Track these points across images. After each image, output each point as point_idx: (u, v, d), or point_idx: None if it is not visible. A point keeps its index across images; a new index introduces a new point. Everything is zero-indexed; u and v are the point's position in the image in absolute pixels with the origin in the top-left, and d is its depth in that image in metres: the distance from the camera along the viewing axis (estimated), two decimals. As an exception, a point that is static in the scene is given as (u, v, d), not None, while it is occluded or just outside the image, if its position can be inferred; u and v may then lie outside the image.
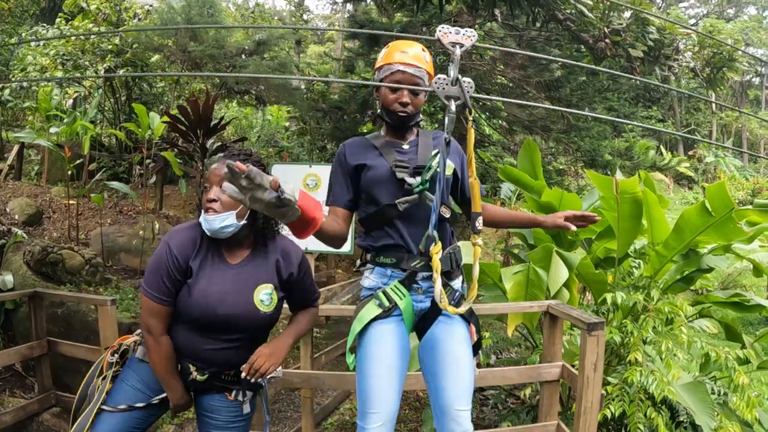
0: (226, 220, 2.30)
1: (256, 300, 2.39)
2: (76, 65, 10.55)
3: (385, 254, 2.42)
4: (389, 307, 2.36)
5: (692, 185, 32.40)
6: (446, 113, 2.15)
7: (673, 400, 4.04)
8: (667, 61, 8.18)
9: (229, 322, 2.36)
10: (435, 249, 2.28)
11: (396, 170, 2.39)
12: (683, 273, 5.06)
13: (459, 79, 2.08)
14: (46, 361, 4.78)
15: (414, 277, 2.40)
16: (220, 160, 2.40)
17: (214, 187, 2.34)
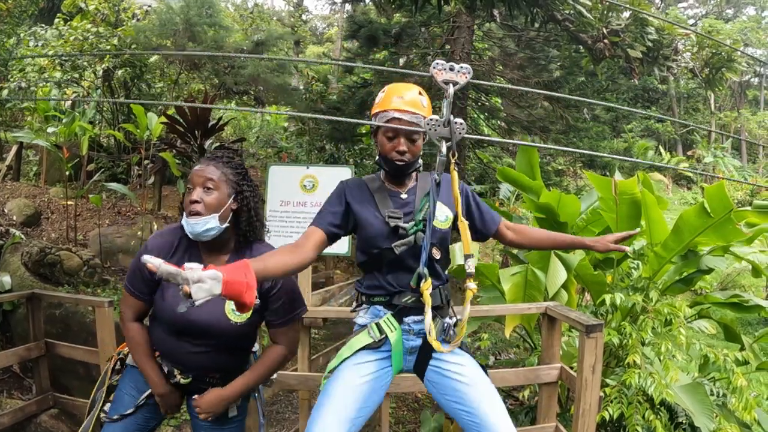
0: (208, 222, 2.27)
1: (227, 309, 2.33)
2: (75, 66, 10.53)
3: (378, 294, 2.43)
4: (380, 339, 2.35)
5: (691, 185, 32.41)
6: (438, 154, 2.15)
7: (672, 402, 4.03)
8: (666, 62, 8.18)
9: (199, 328, 2.32)
10: (425, 285, 2.29)
11: (389, 221, 2.37)
12: (682, 274, 5.05)
13: (450, 121, 2.06)
14: (44, 362, 4.75)
15: (404, 315, 2.39)
16: (203, 160, 2.38)
17: (197, 188, 2.30)
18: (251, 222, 2.41)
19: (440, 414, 5.19)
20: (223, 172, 2.34)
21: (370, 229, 2.40)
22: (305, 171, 4.60)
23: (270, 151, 17.10)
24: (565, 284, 4.43)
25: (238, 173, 2.40)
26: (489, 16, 9.14)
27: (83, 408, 4.53)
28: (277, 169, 4.74)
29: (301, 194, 4.59)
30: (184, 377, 2.41)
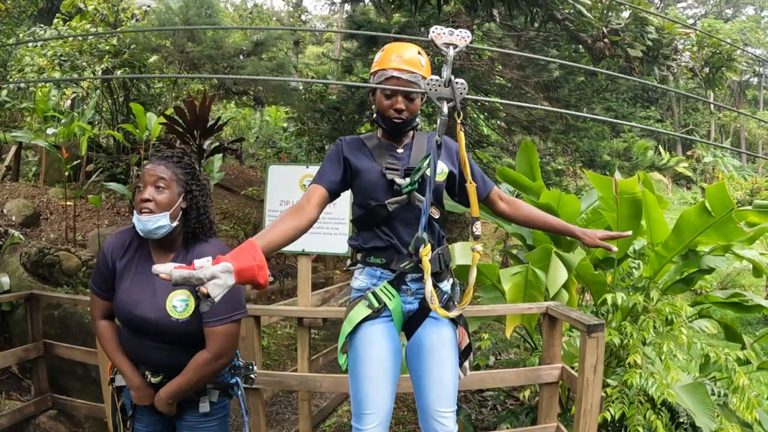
0: (159, 220, 2.32)
1: (168, 305, 2.36)
2: (74, 66, 10.50)
3: (375, 255, 2.42)
4: (379, 308, 2.37)
5: (691, 185, 32.45)
6: (438, 115, 2.11)
7: (673, 402, 4.02)
8: (666, 61, 8.16)
9: (145, 325, 2.38)
10: (425, 251, 2.27)
11: (386, 172, 2.38)
12: (683, 274, 5.04)
13: (451, 81, 2.04)
14: (43, 363, 4.75)
15: (403, 278, 2.41)
16: (154, 160, 2.44)
17: (149, 187, 2.35)
18: (200, 220, 2.46)
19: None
20: (173, 172, 2.40)
21: (366, 179, 2.41)
22: (305, 170, 4.59)
23: (269, 151, 17.10)
24: (566, 284, 4.42)
25: (188, 173, 2.47)
26: (488, 16, 9.12)
27: (82, 409, 4.53)
28: (277, 168, 4.73)
29: (300, 194, 4.56)
30: (154, 376, 2.46)
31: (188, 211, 2.43)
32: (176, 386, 2.42)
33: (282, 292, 9.50)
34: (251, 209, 11.96)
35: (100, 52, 10.50)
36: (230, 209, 11.86)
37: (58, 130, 8.12)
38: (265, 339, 7.57)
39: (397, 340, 2.41)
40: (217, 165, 9.50)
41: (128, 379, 2.49)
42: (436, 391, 2.32)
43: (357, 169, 2.43)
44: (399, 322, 2.43)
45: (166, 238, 2.40)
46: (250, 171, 15.82)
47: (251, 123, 19.03)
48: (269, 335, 7.89)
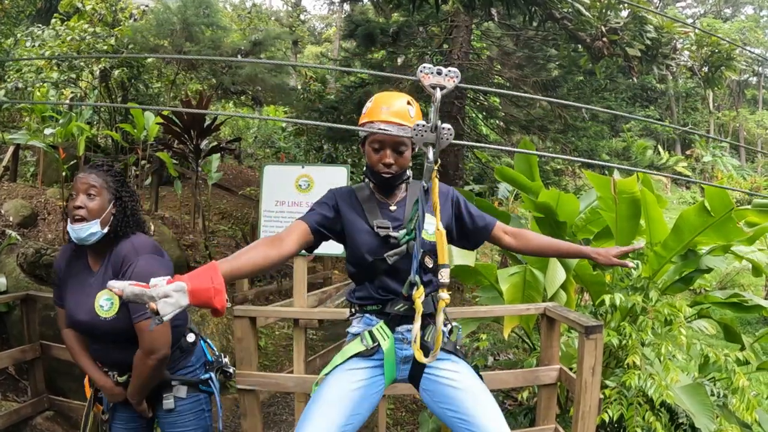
0: (91, 228, 2.44)
1: (96, 305, 2.47)
2: (72, 66, 10.49)
3: (369, 303, 2.41)
4: (372, 347, 2.34)
5: (690, 185, 32.43)
6: (425, 161, 2.09)
7: (672, 403, 3.99)
8: (665, 60, 8.14)
9: (85, 327, 2.53)
10: (417, 293, 2.25)
11: (378, 230, 2.35)
12: (682, 273, 5.02)
13: (437, 126, 2.01)
14: (39, 364, 4.74)
15: (396, 323, 2.37)
16: (85, 169, 2.57)
17: (81, 195, 2.47)
18: (125, 221, 2.56)
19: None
20: (104, 180, 2.52)
21: (359, 240, 2.38)
22: (300, 171, 4.56)
23: (268, 151, 17.08)
24: (564, 284, 4.40)
25: (117, 180, 2.59)
26: (487, 15, 9.11)
27: (79, 410, 4.51)
28: (272, 168, 4.70)
29: (296, 194, 4.55)
30: (120, 376, 2.60)
31: (118, 216, 2.54)
32: (131, 388, 2.56)
33: (280, 293, 9.48)
34: (249, 209, 11.95)
35: (99, 52, 10.47)
36: (228, 209, 11.85)
37: (56, 130, 8.10)
38: (262, 340, 7.55)
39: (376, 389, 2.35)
40: (215, 165, 9.49)
41: (95, 381, 2.64)
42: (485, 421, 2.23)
43: (350, 224, 2.41)
44: (390, 366, 2.37)
45: (99, 244, 2.51)
46: (249, 171, 15.80)
47: (250, 123, 19.02)
48: (267, 336, 7.87)
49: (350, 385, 2.28)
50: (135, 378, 2.51)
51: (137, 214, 2.65)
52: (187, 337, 2.72)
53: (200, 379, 2.71)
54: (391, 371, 2.37)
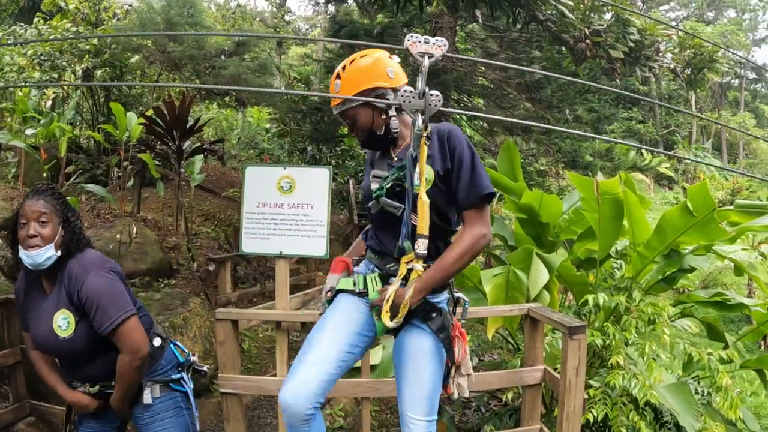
0: (46, 253, 2.51)
1: (55, 326, 2.54)
2: (54, 66, 10.38)
3: (372, 252, 2.54)
4: (360, 292, 2.46)
5: (672, 185, 32.69)
6: (413, 127, 2.11)
7: (656, 402, 4.01)
8: (648, 62, 8.21)
9: (46, 346, 2.62)
10: (406, 258, 2.30)
11: (372, 180, 2.49)
12: (665, 273, 5.05)
13: (425, 93, 2.01)
14: (20, 369, 4.67)
15: (388, 278, 2.42)
16: (31, 196, 2.61)
17: (32, 223, 2.52)
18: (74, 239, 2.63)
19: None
20: (52, 205, 2.59)
21: (364, 186, 2.59)
22: (282, 172, 4.52)
23: (252, 152, 17.00)
24: (548, 285, 4.40)
25: (62, 203, 2.66)
26: (471, 16, 9.13)
27: (60, 415, 4.46)
28: (254, 170, 4.65)
29: (278, 195, 4.50)
30: (91, 387, 2.69)
31: (66, 237, 2.60)
32: (117, 395, 2.64)
33: (264, 295, 9.40)
34: (233, 211, 11.87)
35: (81, 52, 10.39)
36: (212, 211, 11.76)
37: (38, 131, 8.00)
38: (246, 342, 7.50)
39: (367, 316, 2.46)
40: (198, 166, 9.41)
41: (65, 397, 2.72)
42: (409, 396, 2.39)
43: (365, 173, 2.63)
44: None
45: (51, 267, 2.56)
46: (232, 172, 15.71)
47: (233, 124, 18.94)
48: (251, 338, 7.82)
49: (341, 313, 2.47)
50: (121, 382, 2.59)
51: (82, 232, 2.73)
52: (154, 342, 2.75)
53: (171, 378, 2.78)
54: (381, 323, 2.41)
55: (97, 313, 2.52)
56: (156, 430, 2.75)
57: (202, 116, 13.76)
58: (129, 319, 2.56)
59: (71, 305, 2.54)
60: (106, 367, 2.62)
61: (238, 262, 9.29)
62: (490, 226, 2.45)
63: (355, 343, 2.43)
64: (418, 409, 2.37)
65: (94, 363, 2.62)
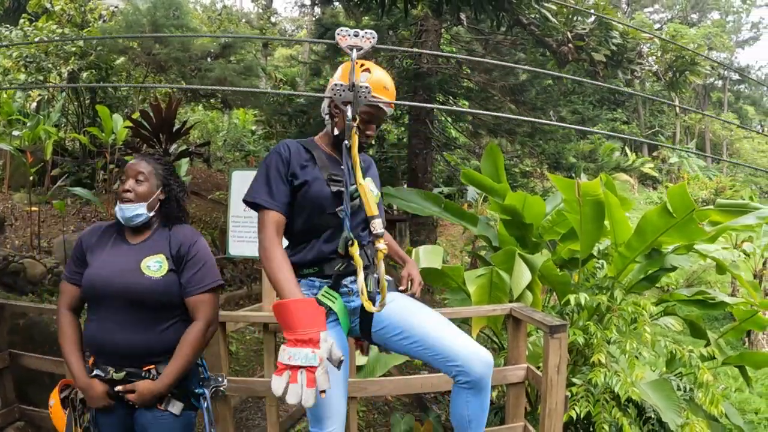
0: (137, 209, 2.58)
1: (143, 266, 2.53)
2: (39, 68, 10.34)
3: (307, 267, 2.43)
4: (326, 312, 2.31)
5: (656, 185, 32.96)
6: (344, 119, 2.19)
7: (637, 399, 4.08)
8: (630, 65, 8.31)
9: (110, 284, 2.49)
10: (353, 248, 2.32)
11: (331, 185, 2.38)
12: (647, 272, 5.13)
13: (354, 84, 2.07)
14: (8, 374, 4.62)
15: (340, 280, 2.42)
16: (137, 156, 2.71)
17: (130, 180, 2.61)
18: (179, 208, 2.75)
19: (410, 417, 5.20)
20: (153, 167, 2.67)
21: (313, 192, 2.37)
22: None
23: (237, 154, 16.97)
24: (530, 285, 4.47)
25: (167, 169, 2.74)
26: (456, 19, 9.19)
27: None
28: (240, 174, 4.70)
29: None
30: (118, 372, 2.49)
31: (166, 202, 2.68)
32: (175, 368, 2.50)
33: (250, 297, 9.43)
34: (219, 213, 11.85)
35: (67, 54, 10.36)
36: (198, 214, 11.73)
37: (23, 133, 7.99)
38: (233, 344, 7.52)
39: (344, 343, 2.44)
40: (184, 169, 9.40)
41: (77, 377, 2.53)
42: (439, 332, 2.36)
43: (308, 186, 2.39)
44: (345, 322, 2.44)
45: (142, 226, 2.64)
46: (218, 175, 15.66)
47: (219, 126, 18.90)
48: (238, 341, 7.84)
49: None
50: (187, 356, 2.52)
51: (184, 204, 2.79)
52: None
53: (193, 392, 2.66)
54: (345, 323, 2.44)
55: (201, 271, 2.60)
56: None
57: (188, 118, 13.73)
58: (218, 290, 2.67)
59: (171, 255, 2.59)
60: (157, 341, 2.51)
61: (225, 265, 9.31)
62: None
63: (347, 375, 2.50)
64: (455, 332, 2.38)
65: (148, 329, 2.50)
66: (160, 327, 2.53)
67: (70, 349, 2.58)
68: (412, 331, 2.38)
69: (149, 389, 2.47)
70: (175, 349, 2.53)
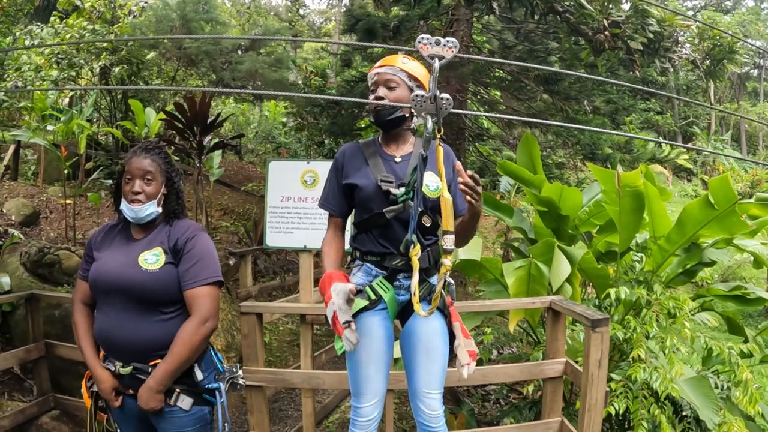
0: (149, 209, 2.63)
1: (140, 259, 2.58)
2: (72, 64, 10.46)
3: (371, 254, 2.63)
4: (375, 300, 2.55)
5: (691, 177, 32.39)
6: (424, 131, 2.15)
7: (677, 396, 4.00)
8: (667, 53, 8.14)
9: (108, 278, 2.56)
10: (414, 251, 2.43)
11: (381, 184, 2.55)
12: (685, 267, 5.02)
13: (436, 96, 2.04)
14: (44, 363, 4.73)
15: (395, 275, 2.60)
16: (138, 152, 2.69)
17: (137, 180, 2.62)
18: (178, 202, 2.77)
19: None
20: (158, 164, 2.68)
21: (363, 193, 2.59)
22: (306, 166, 4.56)
23: (269, 146, 17.05)
24: (569, 278, 4.39)
25: (167, 162, 2.75)
26: (488, 8, 9.06)
27: (84, 409, 4.53)
28: (277, 164, 4.69)
29: (302, 189, 4.54)
30: (124, 367, 2.55)
31: (168, 195, 2.72)
32: (166, 366, 2.49)
33: (283, 288, 9.48)
34: (251, 205, 11.94)
35: (98, 50, 10.46)
36: (230, 205, 11.83)
37: (58, 127, 8.09)
38: (266, 335, 7.56)
39: (390, 330, 2.62)
40: (217, 161, 9.49)
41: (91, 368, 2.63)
42: (424, 375, 2.58)
43: (356, 188, 2.62)
44: (393, 312, 2.62)
45: (149, 221, 2.69)
46: (250, 166, 15.78)
47: (250, 118, 19.00)
48: (271, 331, 7.87)
49: (372, 338, 2.54)
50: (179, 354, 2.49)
51: (182, 195, 2.82)
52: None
53: (206, 389, 2.65)
54: (393, 312, 2.63)
55: (197, 265, 2.61)
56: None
57: (220, 111, 13.79)
58: (215, 285, 2.64)
59: (168, 248, 2.63)
60: (160, 334, 2.53)
61: (258, 256, 9.36)
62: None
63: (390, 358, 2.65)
64: (434, 383, 2.59)
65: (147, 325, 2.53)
66: (162, 320, 2.57)
67: (84, 342, 2.68)
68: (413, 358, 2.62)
69: (148, 392, 2.49)
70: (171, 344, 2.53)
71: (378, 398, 2.58)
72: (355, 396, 2.60)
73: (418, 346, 2.60)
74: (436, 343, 2.60)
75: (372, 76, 2.67)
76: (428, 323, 2.58)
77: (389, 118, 2.62)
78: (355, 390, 2.60)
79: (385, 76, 2.61)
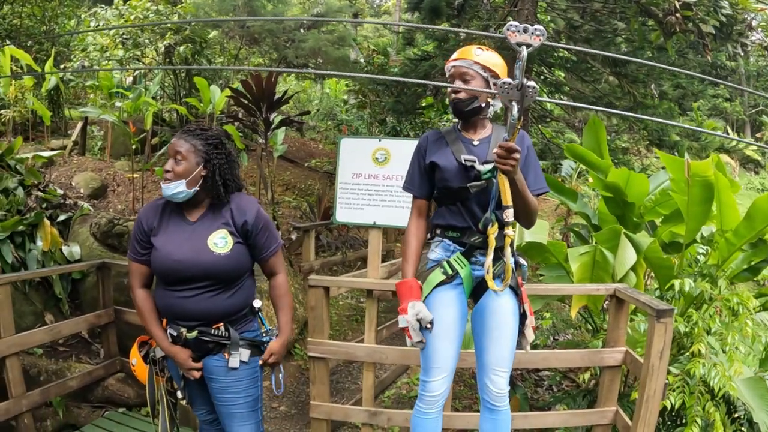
0: (177, 187, 2.68)
1: (210, 243, 2.69)
2: (136, 44, 10.70)
3: (452, 230, 2.75)
4: (452, 275, 2.70)
5: (758, 169, 31.12)
6: (509, 117, 2.23)
7: (734, 395, 3.90)
8: (740, 38, 7.86)
9: (185, 267, 2.68)
10: (492, 229, 2.58)
11: (465, 162, 2.66)
12: (750, 263, 4.82)
13: (523, 85, 2.06)
14: (113, 328, 4.93)
15: (473, 251, 2.73)
16: (177, 134, 2.79)
17: (170, 160, 2.73)
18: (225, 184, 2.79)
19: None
20: (192, 144, 2.73)
21: (445, 171, 2.72)
22: (377, 144, 4.60)
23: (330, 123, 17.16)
24: (634, 266, 4.32)
25: (209, 144, 2.77)
26: (554, -14, 8.89)
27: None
28: (349, 141, 4.75)
29: (372, 167, 4.59)
30: (189, 331, 2.75)
31: (209, 177, 2.75)
32: (287, 318, 2.94)
33: (344, 264, 9.61)
34: (314, 181, 12.08)
35: (162, 29, 10.64)
36: (293, 181, 12.00)
37: (125, 104, 8.33)
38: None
39: (464, 306, 2.74)
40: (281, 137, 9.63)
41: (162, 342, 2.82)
42: (494, 352, 2.66)
43: (438, 166, 2.75)
44: (468, 287, 2.75)
45: (192, 200, 2.76)
46: (312, 143, 15.96)
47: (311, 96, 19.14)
48: (332, 306, 8.01)
49: (447, 312, 2.66)
50: (286, 301, 2.96)
51: (233, 176, 2.85)
52: (254, 303, 2.94)
53: (263, 341, 2.91)
54: (468, 287, 2.76)
55: (268, 238, 2.86)
56: (227, 399, 2.82)
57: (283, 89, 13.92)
58: (281, 247, 2.95)
59: (236, 230, 2.76)
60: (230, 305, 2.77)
61: (321, 231, 9.51)
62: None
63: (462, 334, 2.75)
64: (504, 362, 2.67)
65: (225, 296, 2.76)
66: (230, 293, 2.78)
67: (152, 325, 2.83)
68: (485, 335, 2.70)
69: (281, 345, 2.92)
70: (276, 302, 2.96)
71: (447, 373, 2.65)
72: (425, 370, 2.67)
73: (490, 323, 2.68)
74: (509, 322, 2.69)
75: (449, 69, 2.77)
76: (501, 302, 2.68)
77: (467, 110, 2.73)
78: (425, 364, 2.67)
79: (460, 69, 2.71)
